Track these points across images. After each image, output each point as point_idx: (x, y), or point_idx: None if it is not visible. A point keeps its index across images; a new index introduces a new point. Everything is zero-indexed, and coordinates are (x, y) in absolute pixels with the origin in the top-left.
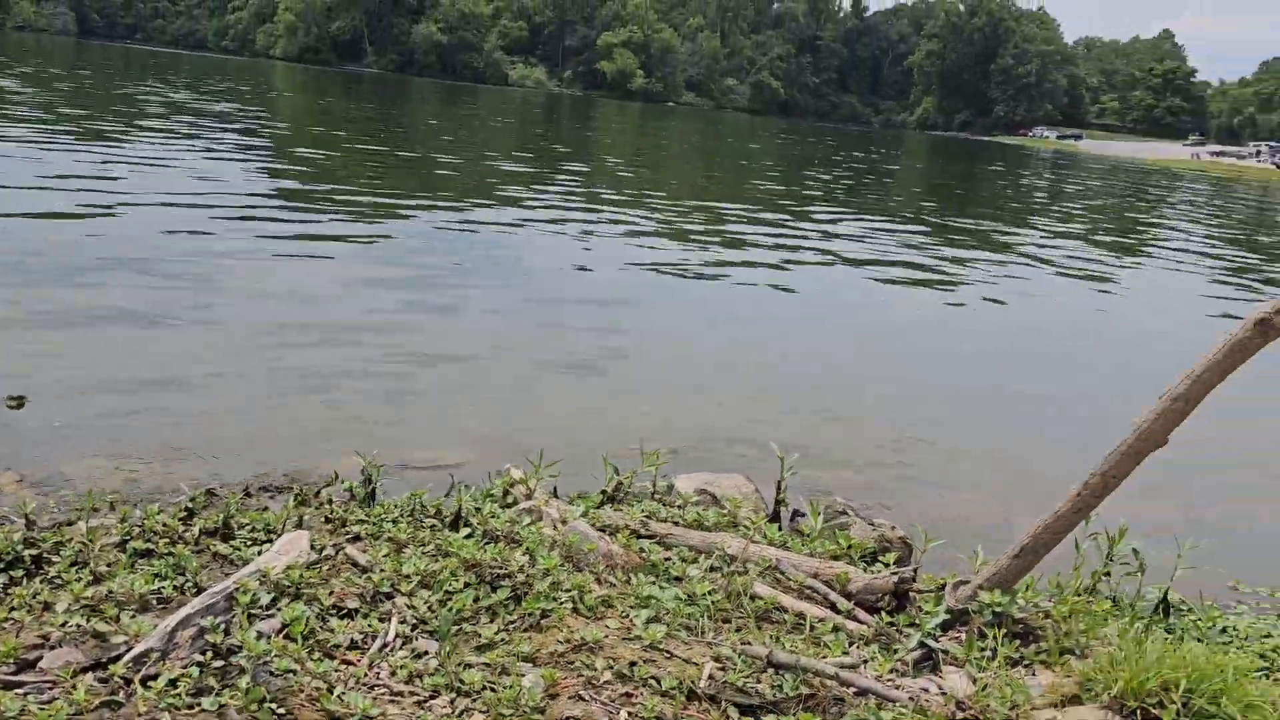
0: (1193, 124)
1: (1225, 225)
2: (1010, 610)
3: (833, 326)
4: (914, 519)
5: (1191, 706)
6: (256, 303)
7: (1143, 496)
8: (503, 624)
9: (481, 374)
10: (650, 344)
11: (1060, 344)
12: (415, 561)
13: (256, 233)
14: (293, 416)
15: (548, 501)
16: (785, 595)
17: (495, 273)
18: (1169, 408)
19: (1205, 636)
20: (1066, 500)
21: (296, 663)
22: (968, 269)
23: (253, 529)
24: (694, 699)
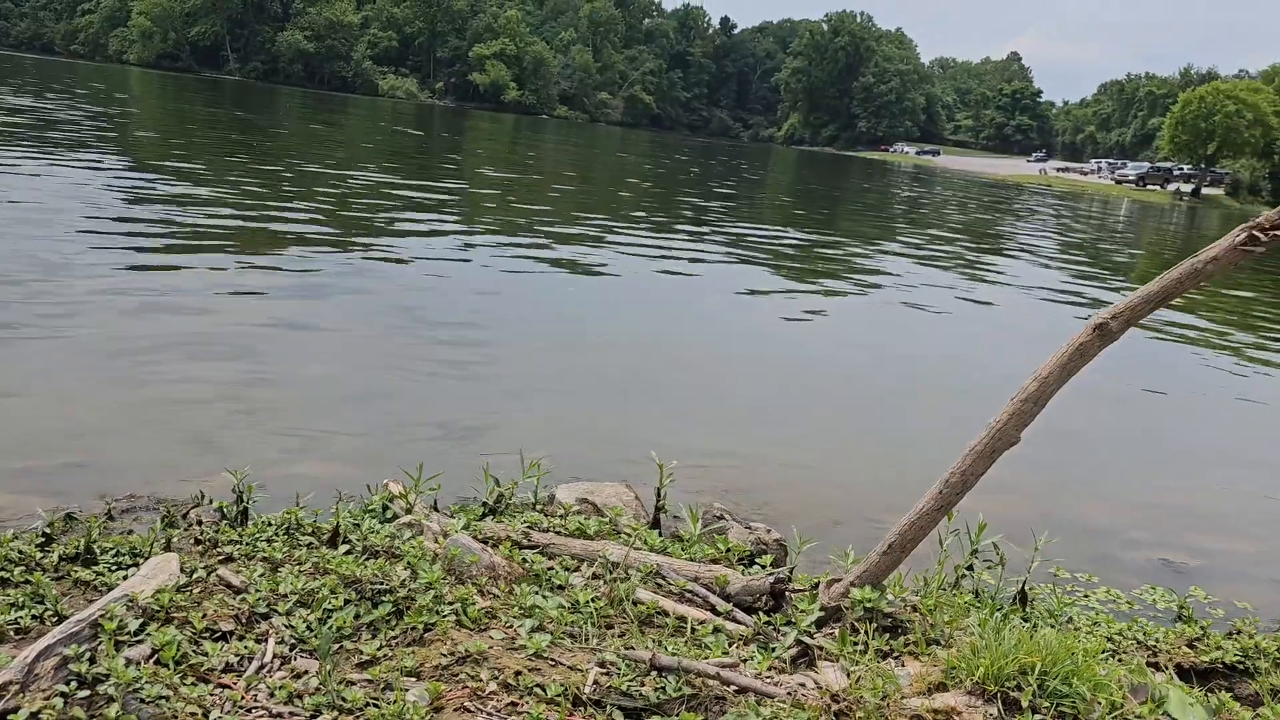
0: (1040, 140)
1: (1072, 234)
2: (880, 605)
3: (707, 335)
4: (790, 522)
5: (1046, 688)
6: (113, 318)
7: (1004, 494)
8: (385, 640)
9: (356, 388)
10: (526, 356)
11: (926, 348)
12: (292, 580)
13: (111, 245)
14: (158, 435)
15: (428, 515)
16: (667, 599)
17: (365, 285)
18: (1019, 408)
19: (1057, 624)
20: (928, 498)
21: (169, 689)
22: (838, 278)
23: (117, 553)
24: (580, 705)
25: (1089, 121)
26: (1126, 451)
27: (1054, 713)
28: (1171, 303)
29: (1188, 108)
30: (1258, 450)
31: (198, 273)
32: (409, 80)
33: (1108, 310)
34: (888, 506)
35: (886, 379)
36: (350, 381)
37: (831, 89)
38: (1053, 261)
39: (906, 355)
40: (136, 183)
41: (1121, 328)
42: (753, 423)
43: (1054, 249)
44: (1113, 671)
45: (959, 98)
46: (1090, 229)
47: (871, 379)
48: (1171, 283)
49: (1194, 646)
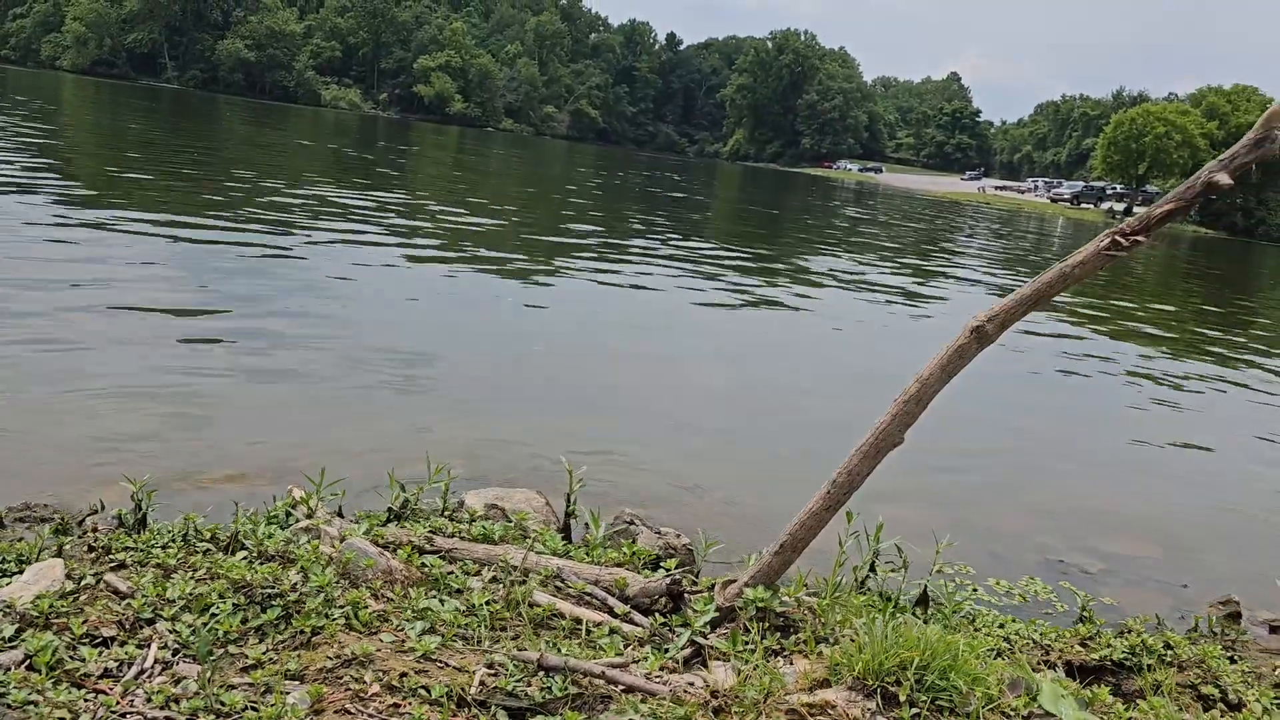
0: (979, 159)
1: (1008, 249)
2: (772, 605)
3: (641, 348)
4: (706, 528)
5: (925, 682)
6: (14, 321)
7: (915, 500)
8: (272, 644)
9: (269, 396)
10: (448, 364)
11: (850, 356)
12: (181, 585)
13: (16, 250)
14: (56, 442)
15: (329, 520)
16: (564, 602)
17: (292, 296)
18: (902, 410)
19: (951, 624)
20: (816, 498)
21: (37, 693)
22: (776, 288)
23: (3, 560)
24: (464, 705)
25: (1026, 141)
26: (1037, 457)
27: (931, 706)
28: (1048, 305)
29: (1119, 129)
30: (1167, 456)
31: (115, 285)
32: (352, 91)
33: (984, 313)
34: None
35: (812, 386)
36: (266, 392)
37: (776, 106)
38: (989, 275)
39: (833, 364)
40: (64, 189)
41: (997, 330)
42: (675, 431)
43: (990, 264)
44: (992, 667)
45: (900, 116)
46: (1026, 246)
47: (800, 392)
48: (1044, 285)
49: (1086, 645)
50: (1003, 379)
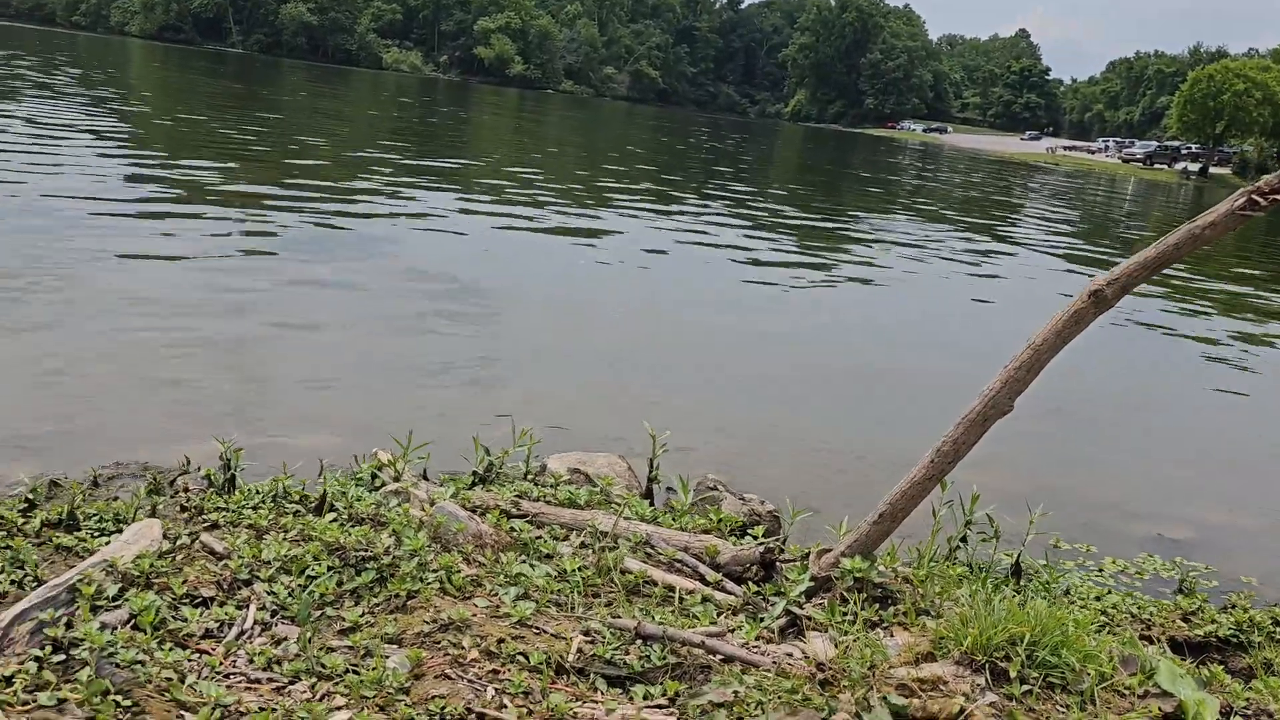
0: (1047, 118)
1: (1078, 211)
2: (870, 575)
3: (707, 311)
4: (786, 494)
5: (1035, 658)
6: (105, 287)
7: (1000, 467)
8: (367, 607)
9: (350, 359)
10: (524, 329)
11: (927, 324)
12: (276, 547)
13: (105, 213)
14: (146, 403)
15: (416, 484)
16: (655, 569)
17: (367, 260)
18: (1012, 376)
19: (1051, 596)
20: (920, 466)
21: (144, 653)
22: (844, 254)
23: (100, 519)
24: (562, 673)
25: (1097, 100)
26: (1127, 424)
27: (1042, 683)
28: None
29: (1196, 86)
30: (1261, 426)
31: (198, 248)
32: (413, 54)
33: (1104, 276)
34: (887, 480)
35: (889, 353)
36: (346, 353)
37: (839, 65)
38: (1059, 236)
39: (910, 330)
40: (138, 155)
41: (1117, 294)
42: (753, 396)
43: (1060, 224)
44: (1103, 643)
45: (966, 75)
46: (1097, 206)
47: (873, 354)
48: (1169, 248)
49: (1189, 620)
50: (1085, 342)
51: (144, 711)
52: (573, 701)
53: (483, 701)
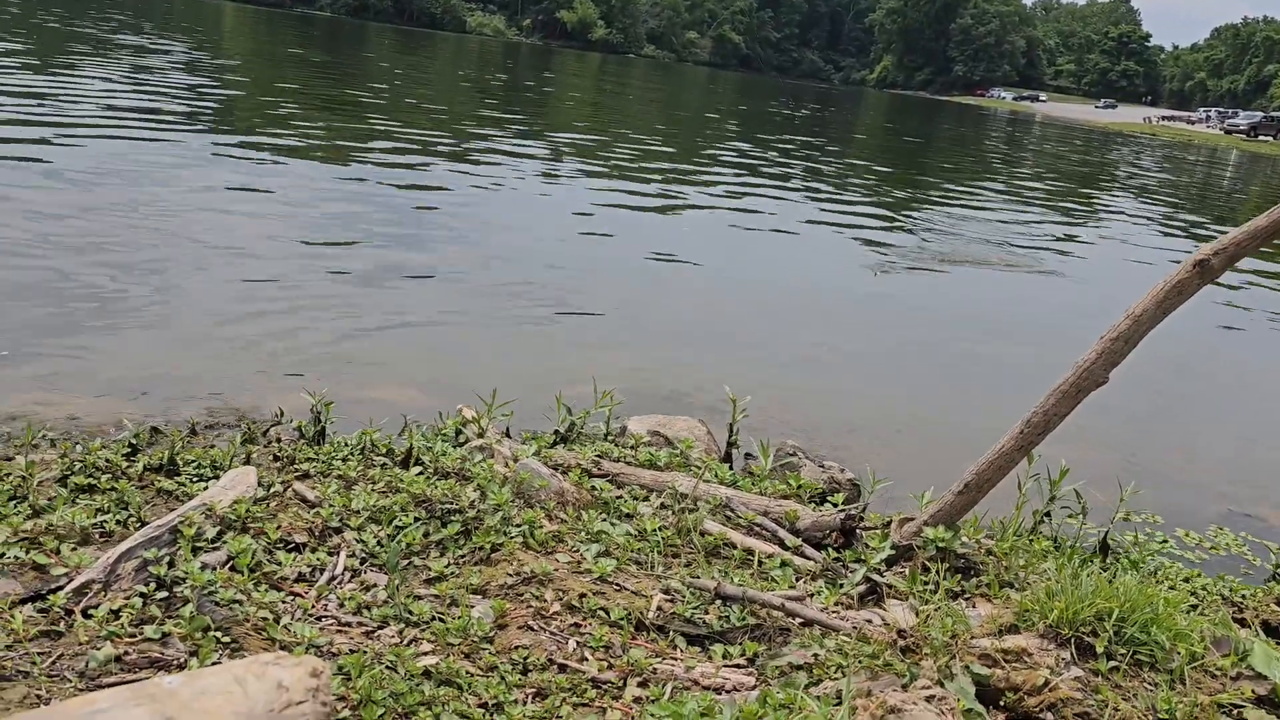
0: (1146, 87)
1: (1178, 185)
2: (953, 545)
3: (792, 278)
4: (866, 463)
5: (1123, 635)
6: (203, 241)
7: (1089, 443)
8: (452, 558)
9: (435, 316)
10: (606, 293)
11: (1016, 299)
12: (365, 497)
13: (203, 168)
14: (240, 355)
15: (500, 440)
16: (734, 532)
17: (453, 219)
18: (1110, 347)
19: (1140, 574)
20: (1009, 436)
21: (242, 593)
22: (930, 226)
23: (198, 465)
24: (642, 629)
25: (1199, 68)
26: (1221, 402)
27: (1130, 660)
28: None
29: None
30: None
31: (288, 205)
32: (496, 17)
33: (1210, 246)
34: (968, 452)
35: (973, 325)
36: (431, 309)
37: (927, 30)
38: (1154, 210)
39: (996, 303)
40: (236, 112)
41: (1224, 264)
42: (833, 366)
43: (1157, 197)
44: (1194, 623)
45: (1061, 41)
46: (1196, 179)
47: (956, 324)
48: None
49: None
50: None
51: (242, 648)
52: (652, 657)
53: (564, 653)
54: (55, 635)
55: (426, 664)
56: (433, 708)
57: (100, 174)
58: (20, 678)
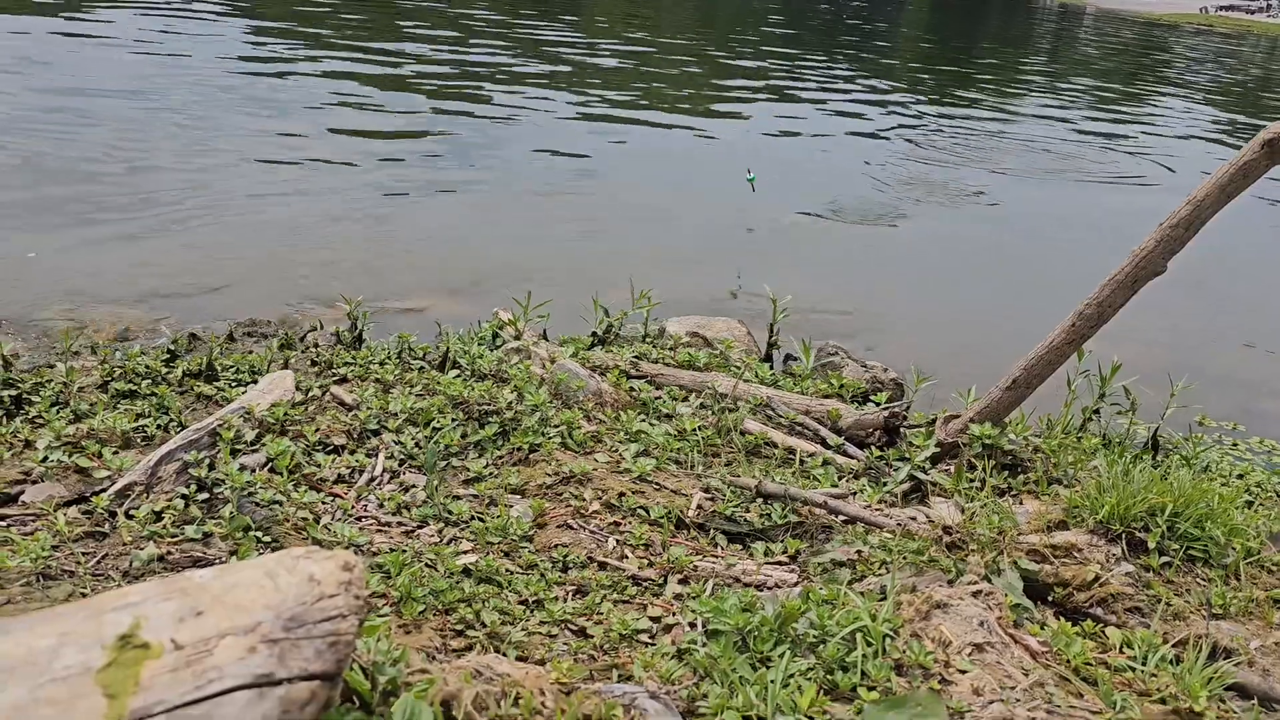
0: None
1: (1233, 80)
2: (1000, 442)
3: (822, 180)
4: (909, 362)
5: (1176, 530)
6: (239, 149)
7: (1139, 340)
8: (491, 459)
9: (471, 223)
10: (642, 199)
11: (1063, 199)
12: (402, 400)
13: (250, 76)
14: (276, 262)
15: (536, 343)
16: (775, 431)
17: (487, 129)
18: (1169, 234)
19: (1192, 470)
20: (1059, 330)
21: (281, 494)
22: (985, 130)
23: (237, 370)
24: (682, 527)
25: None
26: (1271, 298)
27: (1183, 556)
28: None
29: None
30: None
31: (327, 110)
32: None
33: (1279, 124)
34: (1014, 351)
35: (1020, 225)
36: (465, 219)
37: None
38: (1208, 106)
39: (1043, 205)
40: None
41: None
42: (874, 268)
43: (1211, 92)
44: (1250, 518)
45: None
46: (1255, 72)
47: (1003, 227)
48: None
49: None
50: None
51: (282, 548)
52: (693, 555)
53: (604, 551)
54: (99, 536)
55: (466, 562)
56: (473, 604)
57: (143, 75)
58: (66, 577)
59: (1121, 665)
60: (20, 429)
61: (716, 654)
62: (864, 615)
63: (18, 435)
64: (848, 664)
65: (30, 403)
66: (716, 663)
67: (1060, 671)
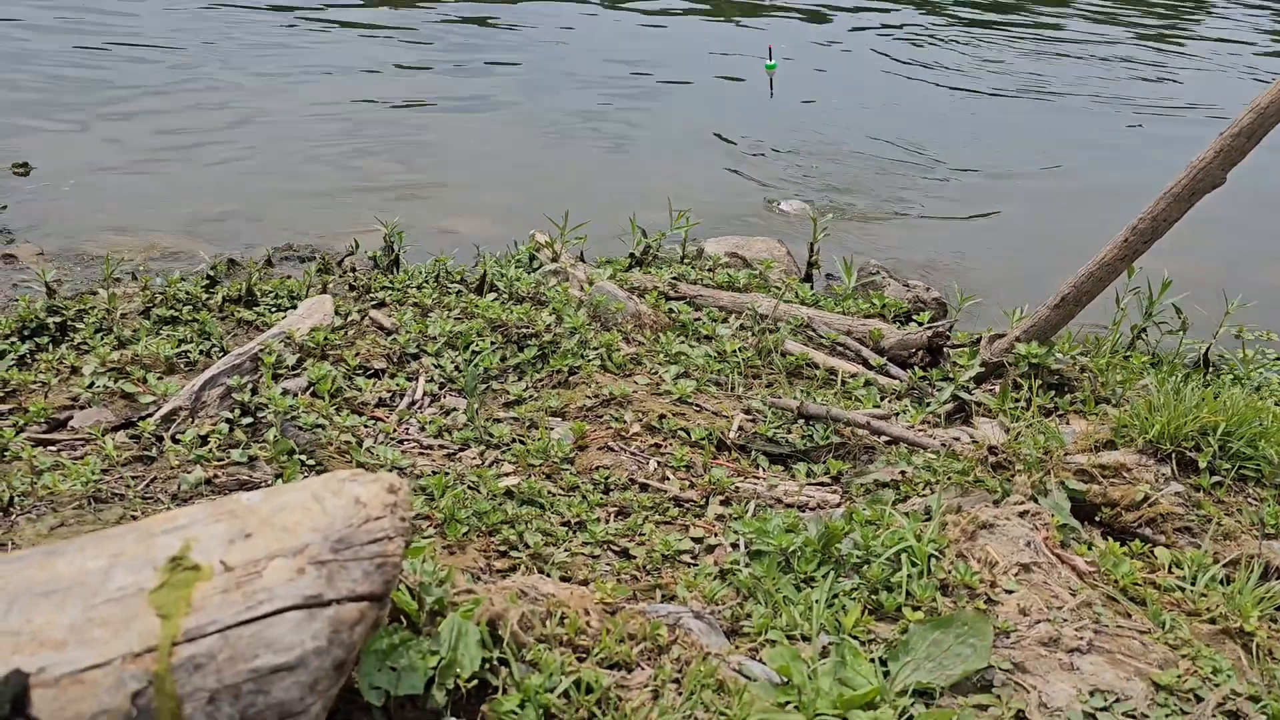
0: None
1: None
2: (1047, 362)
3: (864, 93)
4: (951, 282)
5: (1228, 449)
6: (271, 75)
7: (1192, 256)
8: (530, 381)
9: (505, 144)
10: (676, 114)
11: (1108, 113)
12: (441, 324)
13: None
14: (312, 186)
15: (574, 265)
16: (816, 352)
17: (521, 44)
18: (1229, 144)
19: (1245, 389)
20: (1112, 245)
21: (324, 418)
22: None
23: (276, 296)
24: (724, 449)
25: None
26: None
27: (1234, 475)
28: None
29: None
30: None
31: (358, 35)
32: None
33: None
34: (1061, 271)
35: (1074, 157)
36: (498, 138)
37: None
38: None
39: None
40: None
41: None
42: (915, 185)
43: None
44: None
45: None
46: None
47: (1049, 137)
48: None
49: None
50: None
51: (327, 471)
52: (734, 476)
53: (645, 473)
54: (147, 460)
55: (508, 484)
56: (516, 525)
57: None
58: (116, 500)
59: (1170, 585)
60: (66, 355)
61: (760, 574)
62: (909, 535)
63: (64, 361)
64: (892, 584)
65: (75, 329)
66: (760, 583)
67: (1108, 591)
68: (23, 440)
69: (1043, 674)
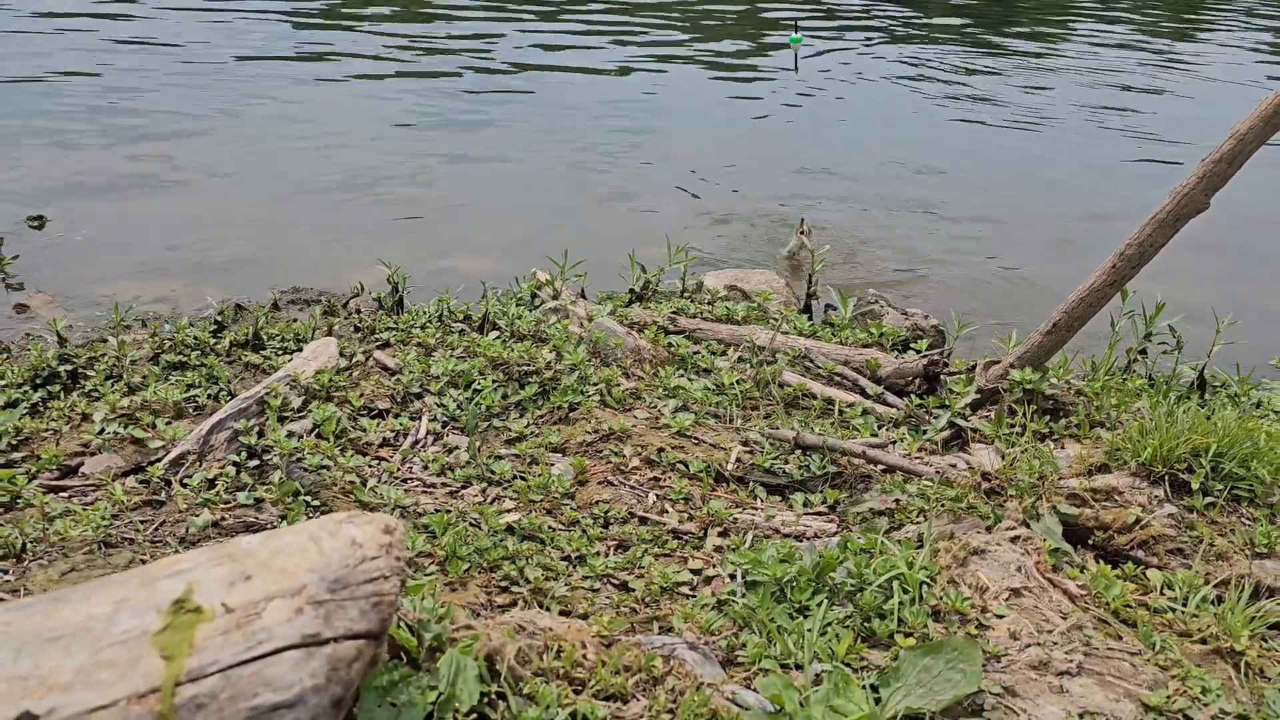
0: None
1: None
2: (1041, 387)
3: (870, 120)
4: (950, 310)
5: (1221, 470)
6: (277, 120)
7: (1183, 279)
8: (531, 418)
9: (506, 184)
10: (683, 145)
11: (1106, 130)
12: (444, 363)
13: (275, 40)
14: (317, 231)
15: (575, 301)
16: (814, 382)
17: (527, 98)
18: (1211, 170)
19: (1240, 409)
20: (1100, 271)
21: (329, 459)
22: (1017, 77)
23: (282, 339)
24: (722, 481)
25: None
26: None
27: (1227, 496)
28: None
29: None
30: None
31: (364, 79)
32: None
33: None
34: (1057, 297)
35: (1067, 174)
36: (499, 179)
37: None
38: (1260, 33)
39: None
40: None
41: None
42: (916, 214)
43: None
44: None
45: None
46: None
47: (1054, 164)
48: None
49: None
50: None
51: (331, 510)
52: (732, 508)
53: (645, 506)
54: (156, 504)
55: (509, 520)
56: (516, 561)
57: (176, 52)
58: (126, 544)
59: (1162, 606)
60: (77, 403)
61: (755, 604)
62: (901, 563)
63: (75, 409)
64: (885, 611)
65: (86, 376)
66: (755, 613)
67: (1099, 614)
68: (35, 487)
69: (1032, 697)
